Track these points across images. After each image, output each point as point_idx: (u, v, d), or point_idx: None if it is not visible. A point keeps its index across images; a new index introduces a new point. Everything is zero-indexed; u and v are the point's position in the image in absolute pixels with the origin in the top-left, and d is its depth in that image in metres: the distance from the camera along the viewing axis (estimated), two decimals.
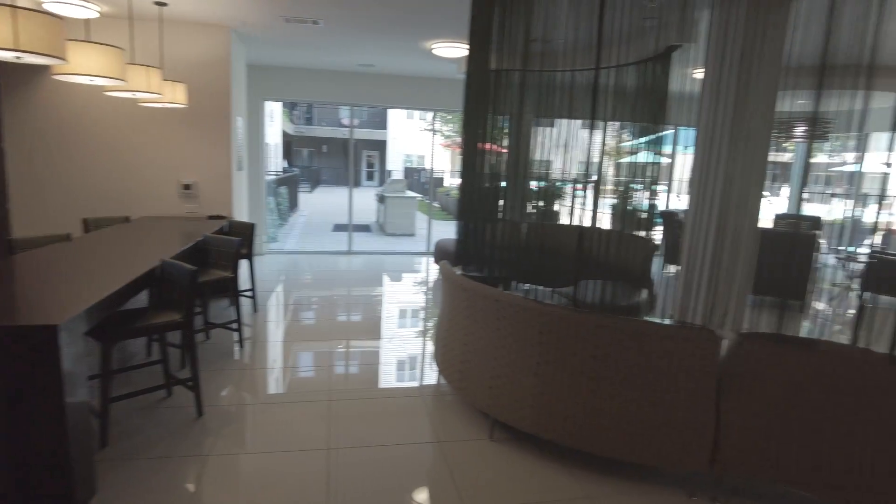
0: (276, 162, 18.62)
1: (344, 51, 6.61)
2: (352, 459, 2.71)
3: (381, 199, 12.10)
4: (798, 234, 5.92)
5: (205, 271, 4.03)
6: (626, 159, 5.45)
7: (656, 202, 4.88)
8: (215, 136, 5.72)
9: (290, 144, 28.40)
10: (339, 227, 11.94)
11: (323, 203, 18.80)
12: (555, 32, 4.36)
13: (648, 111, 5.09)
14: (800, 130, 6.79)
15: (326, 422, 3.08)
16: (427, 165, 26.16)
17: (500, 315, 2.77)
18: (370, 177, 30.50)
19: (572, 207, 9.37)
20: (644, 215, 4.76)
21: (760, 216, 4.88)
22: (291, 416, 3.13)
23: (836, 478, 2.23)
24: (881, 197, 8.55)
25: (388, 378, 3.80)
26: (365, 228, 12.23)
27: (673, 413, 2.43)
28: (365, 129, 29.38)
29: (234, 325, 4.22)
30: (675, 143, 9.81)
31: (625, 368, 2.47)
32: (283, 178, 13.67)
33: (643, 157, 4.86)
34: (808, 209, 12.30)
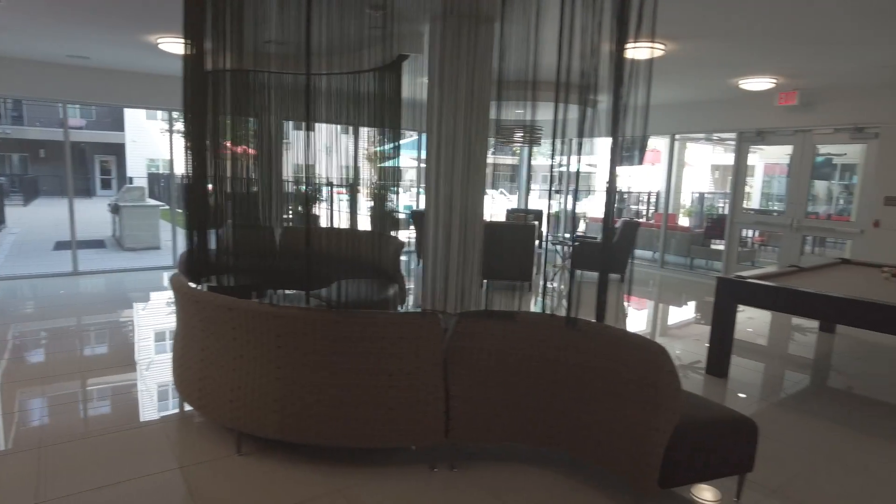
0: None
1: (45, 37, 5.66)
2: None
3: (115, 209, 10.68)
4: (522, 224, 6.84)
5: None
6: (386, 164, 5.65)
7: (400, 203, 5.15)
8: None
9: None
10: (62, 245, 10.21)
11: (42, 217, 15.88)
12: (287, 35, 4.34)
13: (386, 117, 5.38)
14: (518, 136, 7.82)
15: (36, 475, 2.62)
16: (174, 170, 23.79)
17: (235, 324, 2.67)
18: (106, 185, 26.66)
19: (332, 210, 9.44)
20: (401, 216, 5.02)
21: (497, 211, 5.51)
22: None
23: (544, 427, 2.65)
24: (587, 191, 10.37)
25: (122, 411, 3.39)
26: (99, 244, 10.67)
27: (409, 394, 2.62)
28: (97, 130, 25.57)
29: None
30: (419, 148, 10.49)
31: (362, 359, 2.58)
32: None
33: (396, 161, 5.11)
34: (539, 204, 14.20)
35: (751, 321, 6.10)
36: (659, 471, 2.28)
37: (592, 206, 13.11)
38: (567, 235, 9.35)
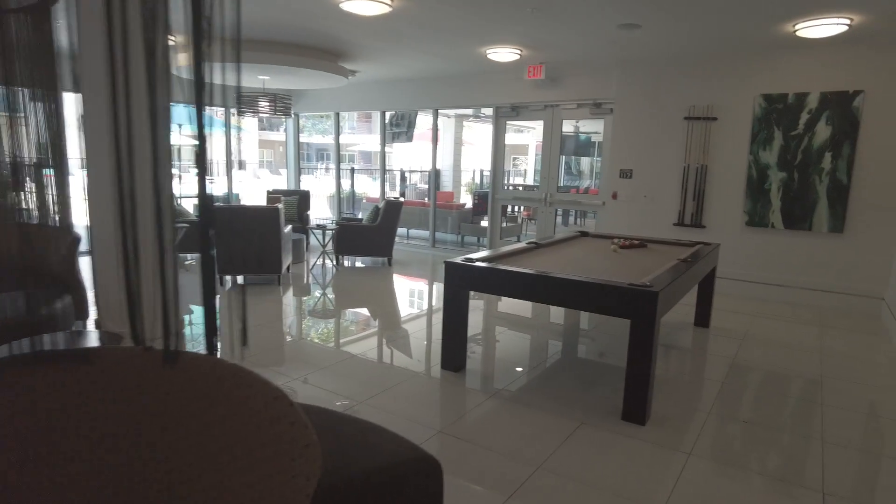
0: None
1: None
2: None
3: None
4: (262, 208, 5.89)
5: None
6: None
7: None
8: None
9: None
10: None
11: None
12: None
13: (35, 73, 4.02)
14: (264, 105, 6.81)
15: None
16: None
17: None
18: None
19: (44, 198, 7.38)
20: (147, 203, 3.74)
21: (254, 192, 4.46)
22: None
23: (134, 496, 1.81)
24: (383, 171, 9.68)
25: None
26: None
27: None
28: None
29: None
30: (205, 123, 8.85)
31: None
32: None
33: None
34: (312, 184, 13.23)
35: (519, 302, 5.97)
36: None
37: (371, 186, 12.59)
38: (334, 219, 8.61)
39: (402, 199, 7.44)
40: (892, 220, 5.53)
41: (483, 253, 3.97)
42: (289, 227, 6.63)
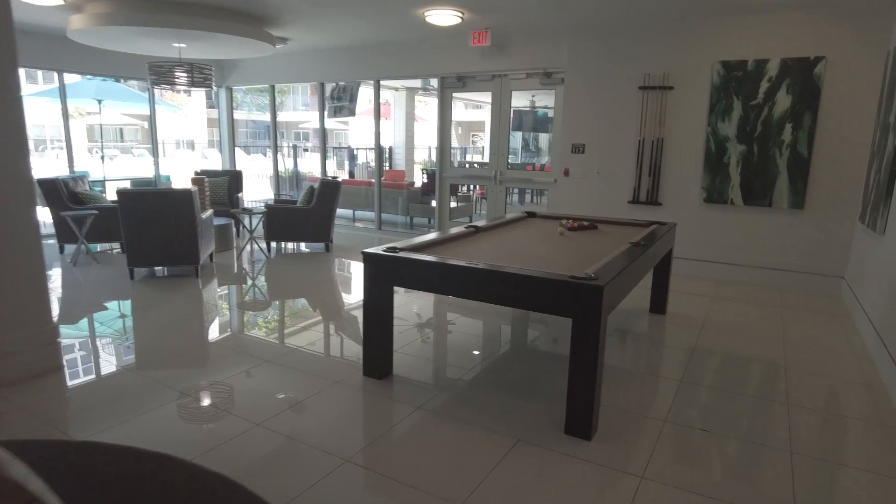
0: None
1: None
2: None
3: None
4: (172, 191, 5.21)
5: None
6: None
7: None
8: None
9: None
10: None
11: None
12: None
13: None
14: (180, 76, 6.07)
15: None
16: None
17: None
18: None
19: None
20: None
21: (181, 174, 3.81)
22: None
23: None
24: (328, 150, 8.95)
25: None
26: None
27: None
28: None
29: None
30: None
31: None
32: None
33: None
34: (269, 163, 12.42)
35: None
36: None
37: (311, 165, 11.88)
38: (262, 200, 7.95)
39: (339, 179, 6.81)
40: (853, 195, 5.24)
41: (413, 241, 3.45)
42: (209, 212, 5.96)
